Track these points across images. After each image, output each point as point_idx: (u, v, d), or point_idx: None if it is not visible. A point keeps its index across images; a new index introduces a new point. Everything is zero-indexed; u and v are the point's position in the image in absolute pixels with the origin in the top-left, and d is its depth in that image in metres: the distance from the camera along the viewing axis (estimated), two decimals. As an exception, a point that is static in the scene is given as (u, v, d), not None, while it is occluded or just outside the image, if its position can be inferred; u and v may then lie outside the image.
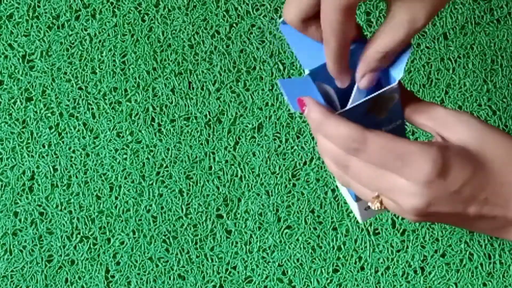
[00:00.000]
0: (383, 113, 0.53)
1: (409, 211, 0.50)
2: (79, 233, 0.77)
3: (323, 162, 0.77)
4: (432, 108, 0.52)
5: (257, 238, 0.76)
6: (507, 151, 0.51)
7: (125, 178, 0.78)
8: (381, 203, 0.52)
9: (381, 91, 0.51)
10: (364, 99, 0.51)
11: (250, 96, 0.78)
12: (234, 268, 0.76)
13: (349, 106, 0.51)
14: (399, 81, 0.52)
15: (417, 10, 0.48)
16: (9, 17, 0.80)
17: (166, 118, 0.78)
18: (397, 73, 0.52)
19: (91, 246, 0.77)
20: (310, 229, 0.76)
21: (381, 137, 0.49)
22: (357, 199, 0.61)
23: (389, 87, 0.51)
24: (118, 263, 0.77)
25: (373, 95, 0.51)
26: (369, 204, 0.52)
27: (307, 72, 0.53)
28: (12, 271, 0.77)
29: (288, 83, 0.52)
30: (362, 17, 0.79)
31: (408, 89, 0.78)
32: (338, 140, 0.49)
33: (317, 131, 0.50)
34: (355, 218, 0.76)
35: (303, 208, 0.77)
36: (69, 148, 0.78)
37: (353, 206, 0.64)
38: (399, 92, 0.52)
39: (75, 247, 0.77)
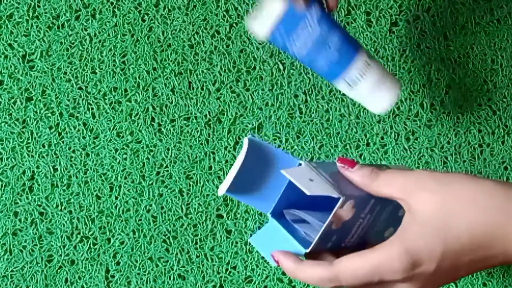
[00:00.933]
0: (348, 217, 0.56)
1: None
2: (79, 233, 0.77)
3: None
4: (390, 178, 0.54)
5: (257, 238, 0.76)
6: (470, 204, 0.51)
7: (125, 178, 0.78)
8: None
9: (334, 211, 0.54)
10: (324, 225, 0.54)
11: (250, 96, 0.78)
12: (234, 268, 0.76)
13: (314, 241, 0.55)
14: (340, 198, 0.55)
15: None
16: (9, 17, 0.80)
17: (166, 118, 0.78)
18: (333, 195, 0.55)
19: (91, 246, 0.77)
20: (310, 229, 0.76)
21: (348, 262, 0.52)
22: None
23: (337, 206, 0.54)
24: (118, 263, 0.77)
25: (329, 218, 0.54)
26: None
27: (269, 216, 0.60)
28: (12, 271, 0.77)
29: (258, 238, 0.59)
30: (362, 17, 0.79)
31: (408, 89, 0.78)
32: (314, 283, 0.54)
33: (294, 277, 0.55)
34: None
35: (303, 208, 0.77)
36: (69, 148, 0.78)
37: None
38: (350, 192, 0.55)
39: (75, 247, 0.77)
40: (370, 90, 0.67)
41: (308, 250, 0.56)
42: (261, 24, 0.64)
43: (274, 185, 0.60)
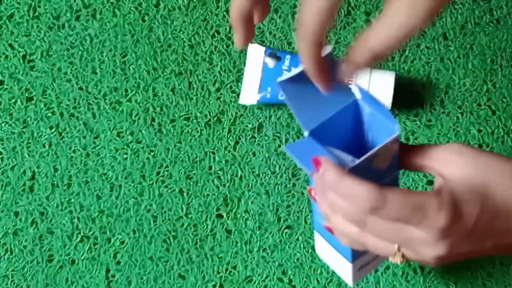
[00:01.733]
0: (387, 165, 0.53)
1: (431, 260, 0.51)
2: (79, 233, 0.77)
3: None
4: (425, 149, 0.53)
5: (257, 237, 0.76)
6: (506, 175, 0.51)
7: (125, 178, 0.78)
8: (402, 256, 0.52)
9: (386, 141, 0.51)
10: (372, 151, 0.51)
11: (250, 96, 0.78)
12: (234, 267, 0.76)
13: (360, 159, 0.51)
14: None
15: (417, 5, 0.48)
16: (9, 17, 0.80)
17: (166, 118, 0.79)
18: (393, 122, 0.52)
19: (92, 245, 0.77)
20: (310, 229, 0.76)
21: (398, 194, 0.49)
22: (354, 259, 0.61)
23: (392, 137, 0.51)
24: (118, 263, 0.77)
25: (379, 145, 0.51)
26: (390, 258, 0.53)
27: (306, 133, 0.54)
28: (12, 270, 0.77)
29: (294, 147, 0.52)
30: (362, 17, 0.79)
31: (408, 89, 0.78)
32: (356, 200, 0.49)
33: (331, 190, 0.50)
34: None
35: (303, 208, 0.77)
36: (70, 148, 0.78)
37: (343, 269, 0.64)
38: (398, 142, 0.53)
39: (75, 247, 0.77)
40: None
41: (350, 166, 0.50)
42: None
43: (325, 110, 0.55)
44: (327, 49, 0.51)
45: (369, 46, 0.49)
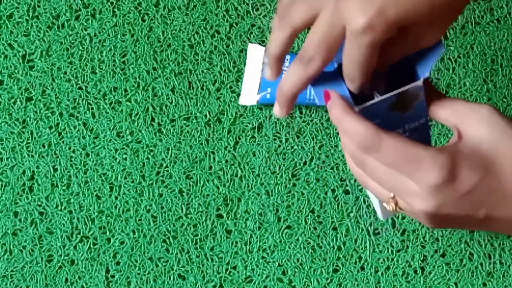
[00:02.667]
0: (407, 111, 0.53)
1: (420, 214, 0.51)
2: (79, 233, 0.77)
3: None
4: (453, 103, 0.53)
5: (257, 238, 0.76)
6: None
7: (125, 178, 0.78)
8: (396, 204, 0.52)
9: (404, 88, 0.51)
10: (386, 96, 0.51)
11: (250, 96, 0.78)
12: (234, 268, 0.76)
13: (371, 102, 0.51)
14: (426, 79, 0.52)
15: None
16: (9, 17, 0.80)
17: (166, 118, 0.78)
18: (423, 71, 0.52)
19: (91, 246, 0.77)
20: (310, 229, 0.76)
21: (395, 140, 0.50)
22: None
23: (413, 85, 0.51)
24: (118, 263, 0.77)
25: (395, 92, 0.51)
26: (385, 205, 0.53)
27: (335, 65, 0.54)
28: (12, 271, 0.77)
29: (318, 77, 0.53)
30: (362, 17, 0.79)
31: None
32: (354, 137, 0.50)
33: (336, 125, 0.52)
34: (355, 218, 0.76)
35: (303, 208, 0.77)
36: (69, 148, 0.78)
37: (375, 202, 0.64)
38: (424, 91, 0.52)
39: (75, 247, 0.77)
40: None
41: (358, 107, 0.52)
42: None
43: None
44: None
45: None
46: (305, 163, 0.77)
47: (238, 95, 0.78)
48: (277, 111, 0.55)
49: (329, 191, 0.77)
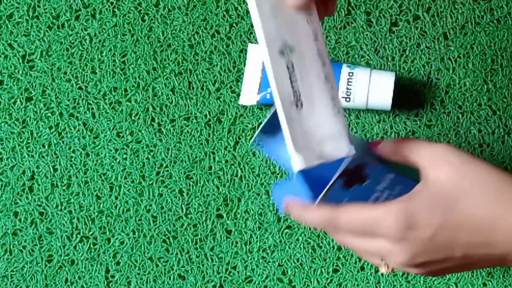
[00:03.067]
0: (366, 180, 0.56)
1: (404, 268, 0.53)
2: (79, 233, 0.77)
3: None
4: (414, 145, 0.54)
5: (257, 238, 0.76)
6: (484, 187, 0.51)
7: (125, 178, 0.78)
8: (387, 266, 0.54)
9: (340, 168, 0.54)
10: (332, 181, 0.54)
11: (250, 96, 0.78)
12: (234, 268, 0.76)
13: (323, 192, 0.55)
14: (359, 147, 0.54)
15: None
16: (9, 17, 0.80)
17: (166, 118, 0.78)
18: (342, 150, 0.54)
19: (91, 246, 0.77)
20: (310, 229, 0.76)
21: (350, 210, 0.53)
22: None
23: (345, 161, 0.54)
24: (118, 263, 0.77)
25: (336, 174, 0.54)
26: (382, 270, 0.55)
27: (294, 176, 0.59)
28: (12, 271, 0.77)
29: (278, 189, 0.58)
30: (362, 17, 0.79)
31: (408, 89, 0.78)
32: (316, 226, 0.54)
33: (300, 223, 0.57)
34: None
35: (303, 208, 0.77)
36: (69, 148, 0.78)
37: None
38: (363, 156, 0.54)
39: (75, 247, 0.77)
40: None
41: (316, 202, 0.56)
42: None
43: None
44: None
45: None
46: (305, 163, 0.77)
47: (238, 95, 0.78)
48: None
49: (329, 191, 0.77)
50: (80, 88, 0.79)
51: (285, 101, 0.52)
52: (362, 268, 0.76)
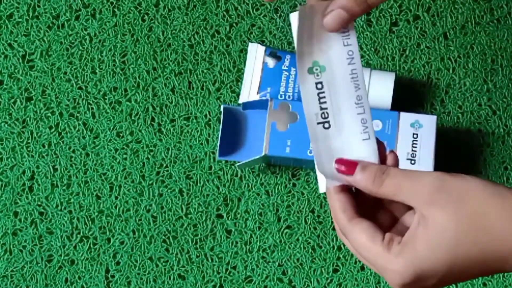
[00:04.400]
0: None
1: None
2: (79, 233, 0.77)
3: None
4: (397, 185, 0.51)
5: (257, 238, 0.76)
6: (482, 228, 0.49)
7: (125, 178, 0.78)
8: None
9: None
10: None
11: (250, 96, 0.78)
12: (234, 268, 0.76)
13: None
14: None
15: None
16: (9, 17, 0.80)
17: (166, 118, 0.78)
18: None
19: (91, 246, 0.77)
20: (310, 229, 0.76)
21: (361, 235, 0.51)
22: None
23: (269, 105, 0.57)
24: (118, 263, 0.77)
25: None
26: None
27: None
28: (12, 271, 0.77)
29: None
30: (362, 17, 0.79)
31: (408, 89, 0.78)
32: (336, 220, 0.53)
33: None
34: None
35: (303, 208, 0.77)
36: (69, 148, 0.78)
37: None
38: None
39: (75, 247, 0.77)
40: None
41: (260, 154, 0.72)
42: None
43: (255, 138, 0.75)
44: None
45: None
46: (305, 163, 0.77)
47: (238, 95, 0.78)
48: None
49: (329, 191, 0.76)
50: (80, 88, 0.79)
51: (312, 120, 0.52)
52: (362, 268, 0.76)
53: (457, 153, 0.77)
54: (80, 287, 0.76)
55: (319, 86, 0.52)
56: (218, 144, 0.75)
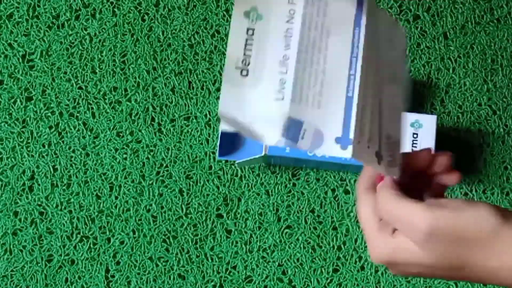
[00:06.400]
0: None
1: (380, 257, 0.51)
2: (79, 233, 0.77)
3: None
4: (393, 210, 0.51)
5: (257, 238, 0.76)
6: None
7: (125, 177, 0.78)
8: None
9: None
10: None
11: (250, 96, 0.78)
12: (234, 267, 0.76)
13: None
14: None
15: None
16: (9, 17, 0.80)
17: (166, 117, 0.78)
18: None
19: (91, 245, 0.77)
20: (310, 229, 0.76)
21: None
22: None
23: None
24: (118, 263, 0.77)
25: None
26: None
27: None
28: (12, 270, 0.77)
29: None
30: (362, 16, 0.79)
31: (408, 89, 0.78)
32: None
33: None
34: (355, 217, 0.76)
35: (303, 208, 0.77)
36: (69, 148, 0.78)
37: None
38: None
39: (75, 247, 0.77)
40: None
41: (260, 154, 0.71)
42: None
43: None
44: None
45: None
46: (305, 163, 0.77)
47: (238, 95, 0.78)
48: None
49: (329, 191, 0.77)
50: (80, 88, 0.79)
51: (231, 61, 0.50)
52: (362, 268, 0.76)
53: (457, 153, 0.77)
54: (80, 287, 0.76)
55: (250, 32, 0.51)
56: (218, 144, 0.75)
